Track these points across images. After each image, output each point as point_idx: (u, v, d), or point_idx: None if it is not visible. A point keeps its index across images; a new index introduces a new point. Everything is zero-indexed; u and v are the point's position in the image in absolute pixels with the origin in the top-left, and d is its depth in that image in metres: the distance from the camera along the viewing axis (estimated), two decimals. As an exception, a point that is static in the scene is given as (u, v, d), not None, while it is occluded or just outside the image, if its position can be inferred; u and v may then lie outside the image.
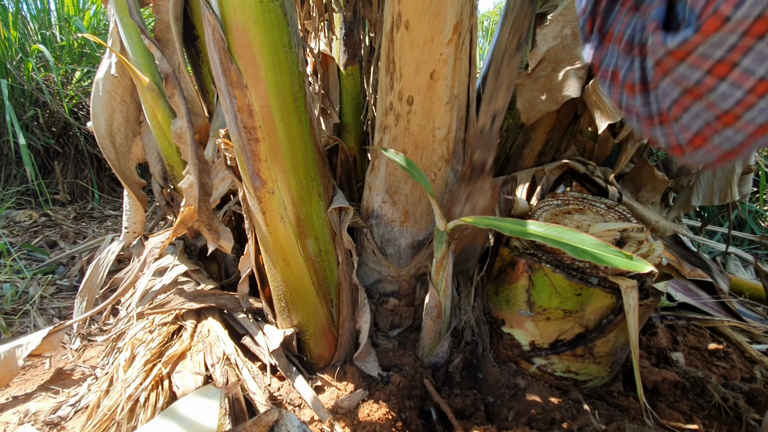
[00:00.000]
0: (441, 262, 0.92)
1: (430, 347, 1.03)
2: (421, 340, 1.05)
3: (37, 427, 1.04)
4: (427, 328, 1.01)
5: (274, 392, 1.00)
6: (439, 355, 1.05)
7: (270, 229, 0.92)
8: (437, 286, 0.95)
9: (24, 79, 2.33)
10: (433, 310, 0.98)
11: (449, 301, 0.99)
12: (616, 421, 0.93)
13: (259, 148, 0.82)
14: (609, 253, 0.52)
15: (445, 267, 0.93)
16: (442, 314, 0.98)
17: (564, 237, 0.59)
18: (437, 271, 0.93)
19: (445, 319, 1.00)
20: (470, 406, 0.99)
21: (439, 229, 0.87)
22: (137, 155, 1.40)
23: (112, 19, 1.17)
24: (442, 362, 1.06)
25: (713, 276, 1.42)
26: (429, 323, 1.00)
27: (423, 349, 1.05)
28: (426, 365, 1.06)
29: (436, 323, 0.99)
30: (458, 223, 0.83)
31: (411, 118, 0.90)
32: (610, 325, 0.96)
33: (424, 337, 1.03)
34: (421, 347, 1.06)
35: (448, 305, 0.99)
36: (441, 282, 0.94)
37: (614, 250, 0.52)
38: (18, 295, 1.62)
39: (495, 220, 0.73)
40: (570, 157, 1.17)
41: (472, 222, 0.77)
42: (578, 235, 0.58)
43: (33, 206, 2.37)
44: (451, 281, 0.97)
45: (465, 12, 0.80)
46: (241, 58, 0.74)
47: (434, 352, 1.04)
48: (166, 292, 1.25)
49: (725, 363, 1.22)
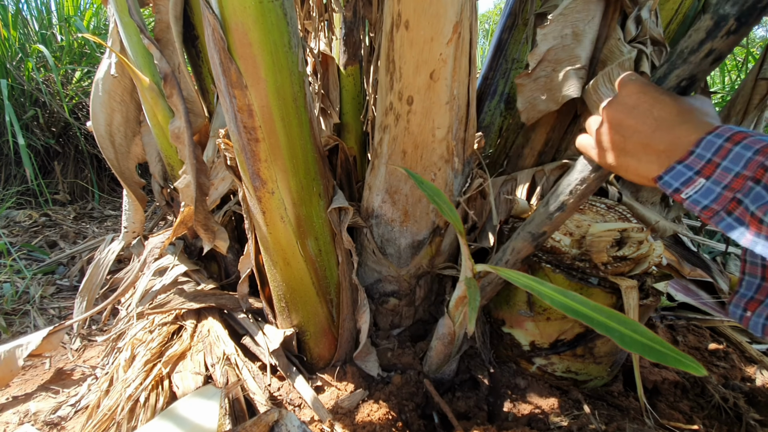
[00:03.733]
0: (461, 300, 0.89)
1: (438, 366, 1.01)
2: (428, 358, 1.03)
3: (37, 427, 1.04)
4: (437, 350, 0.99)
5: (274, 392, 1.00)
6: (446, 373, 1.03)
7: (270, 229, 0.92)
8: (454, 318, 0.92)
9: (24, 79, 2.33)
10: (446, 337, 0.95)
11: (463, 330, 0.96)
12: (616, 421, 0.93)
13: (259, 148, 0.82)
14: (665, 349, 0.44)
15: (465, 304, 0.89)
16: (455, 341, 0.96)
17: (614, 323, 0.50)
18: (456, 306, 0.90)
19: (457, 345, 0.98)
20: (473, 407, 0.99)
21: (467, 275, 0.82)
22: (137, 155, 1.39)
23: (112, 19, 1.17)
24: (448, 379, 1.05)
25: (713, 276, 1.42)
26: (439, 347, 0.98)
27: (429, 366, 1.03)
28: (431, 379, 1.04)
29: (447, 348, 0.97)
30: (488, 270, 0.76)
31: (411, 118, 0.90)
32: (610, 325, 0.96)
33: (432, 357, 1.01)
34: (427, 364, 1.04)
35: (461, 333, 0.96)
36: (459, 316, 0.91)
37: (671, 347, 0.44)
38: (18, 295, 1.62)
39: (533, 282, 0.61)
40: (570, 157, 1.17)
41: (504, 276, 0.66)
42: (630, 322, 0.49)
43: (33, 206, 2.37)
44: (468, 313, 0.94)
45: (465, 12, 0.80)
46: (241, 58, 0.73)
47: (441, 370, 1.02)
48: (166, 292, 1.25)
49: (725, 363, 1.22)
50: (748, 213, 0.43)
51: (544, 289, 0.57)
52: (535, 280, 0.61)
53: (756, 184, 0.42)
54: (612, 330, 0.49)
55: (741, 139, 0.44)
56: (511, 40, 1.33)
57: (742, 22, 0.53)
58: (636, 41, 0.96)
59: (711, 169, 0.46)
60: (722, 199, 0.45)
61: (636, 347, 0.46)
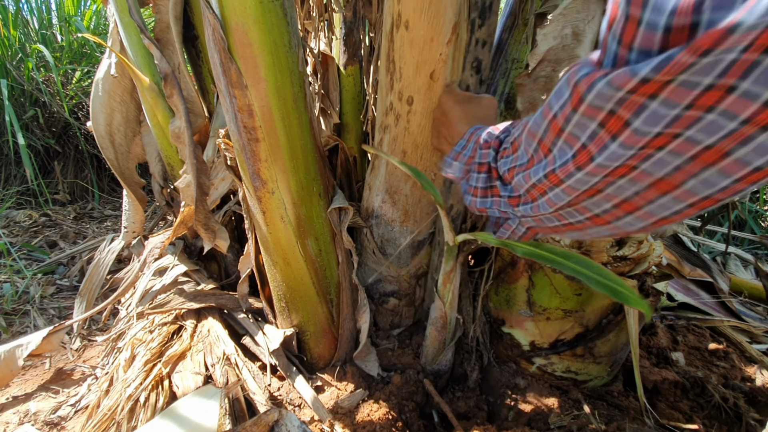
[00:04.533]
0: (449, 275, 0.90)
1: (434, 356, 1.02)
2: (424, 348, 1.04)
3: (37, 427, 1.04)
4: (431, 338, 1.00)
5: (274, 392, 1.00)
6: (442, 363, 1.04)
7: (270, 229, 0.92)
8: (443, 298, 0.93)
9: (24, 79, 2.33)
10: (438, 321, 0.96)
11: (455, 313, 0.97)
12: (616, 421, 0.93)
13: (259, 148, 0.82)
14: (625, 290, 0.53)
15: (453, 280, 0.91)
16: (447, 325, 0.97)
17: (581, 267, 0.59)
18: (444, 283, 0.91)
19: (450, 329, 0.99)
20: (474, 407, 0.99)
21: (449, 243, 0.85)
22: (137, 155, 1.39)
23: (112, 19, 1.17)
24: (445, 369, 1.05)
25: (713, 276, 1.42)
26: (433, 333, 0.99)
27: (426, 357, 1.04)
28: (429, 372, 1.05)
29: (440, 333, 0.98)
30: (468, 237, 0.81)
31: (411, 118, 0.90)
32: (610, 325, 0.96)
33: (427, 346, 1.02)
34: (424, 355, 1.04)
35: (453, 316, 0.97)
36: (447, 294, 0.92)
37: (628, 287, 0.53)
38: (18, 295, 1.62)
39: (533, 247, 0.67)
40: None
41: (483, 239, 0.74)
42: (595, 266, 0.58)
43: (33, 206, 2.37)
44: (457, 293, 0.95)
45: (464, 12, 0.80)
46: (241, 58, 0.74)
47: (437, 360, 1.03)
48: (166, 292, 1.25)
49: (725, 363, 1.22)
50: (471, 186, 0.66)
51: (518, 246, 0.65)
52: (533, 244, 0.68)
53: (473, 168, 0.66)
54: (579, 273, 0.57)
55: (472, 138, 0.68)
56: (511, 40, 1.33)
57: None
58: (636, 41, 0.95)
59: (457, 156, 0.70)
60: (462, 173, 0.69)
61: (602, 287, 0.54)
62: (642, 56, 0.33)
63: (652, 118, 0.34)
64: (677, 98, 0.32)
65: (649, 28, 0.31)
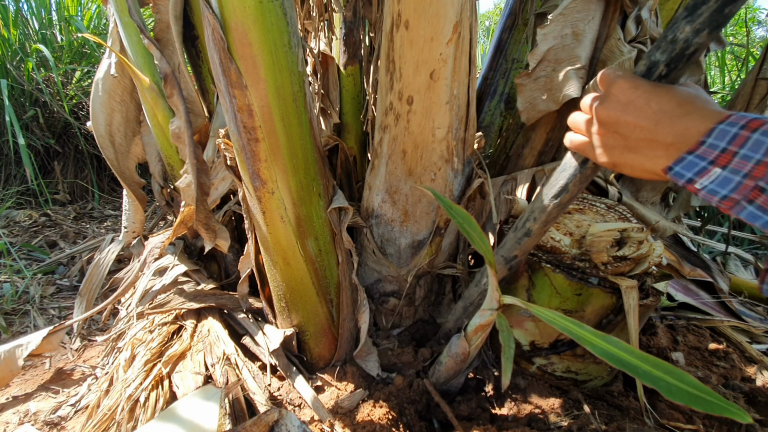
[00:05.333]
0: (483, 327, 0.85)
1: (446, 380, 1.00)
2: (436, 372, 1.01)
3: (37, 427, 1.04)
4: (447, 366, 0.97)
5: (274, 392, 1.00)
6: (453, 386, 1.02)
7: (270, 229, 0.92)
8: (470, 341, 0.89)
9: (24, 79, 2.33)
10: (459, 356, 0.92)
11: (477, 351, 0.94)
12: (616, 421, 0.93)
13: (259, 148, 0.82)
14: (711, 398, 0.44)
15: (486, 330, 0.87)
16: (468, 360, 0.94)
17: (660, 372, 0.48)
18: (475, 332, 0.87)
19: (468, 362, 0.96)
20: (476, 408, 0.99)
21: (492, 307, 0.78)
22: (137, 155, 1.40)
23: (112, 19, 1.17)
24: (454, 390, 1.04)
25: (713, 276, 1.42)
26: (450, 363, 0.95)
27: (437, 379, 1.01)
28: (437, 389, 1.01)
29: (458, 366, 0.95)
30: (516, 303, 0.70)
31: (411, 118, 0.90)
32: (610, 325, 0.96)
33: (441, 371, 0.99)
34: (435, 375, 1.01)
35: (475, 353, 0.94)
36: (476, 339, 0.88)
37: (716, 395, 0.44)
38: (18, 295, 1.62)
39: (572, 324, 0.55)
40: (570, 157, 1.17)
41: (534, 312, 0.62)
42: (676, 372, 0.47)
43: (33, 206, 2.37)
44: (487, 337, 0.90)
45: (465, 12, 0.80)
46: (241, 58, 0.73)
47: (449, 383, 1.01)
48: (166, 292, 1.25)
49: (725, 363, 1.22)
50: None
51: (584, 333, 0.53)
52: (573, 322, 0.57)
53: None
54: (657, 380, 0.47)
55: (758, 126, 0.43)
56: (511, 40, 1.33)
57: (671, 68, 0.56)
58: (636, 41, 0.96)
59: (727, 159, 0.45)
60: (743, 188, 0.44)
61: (682, 397, 0.45)
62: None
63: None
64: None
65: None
